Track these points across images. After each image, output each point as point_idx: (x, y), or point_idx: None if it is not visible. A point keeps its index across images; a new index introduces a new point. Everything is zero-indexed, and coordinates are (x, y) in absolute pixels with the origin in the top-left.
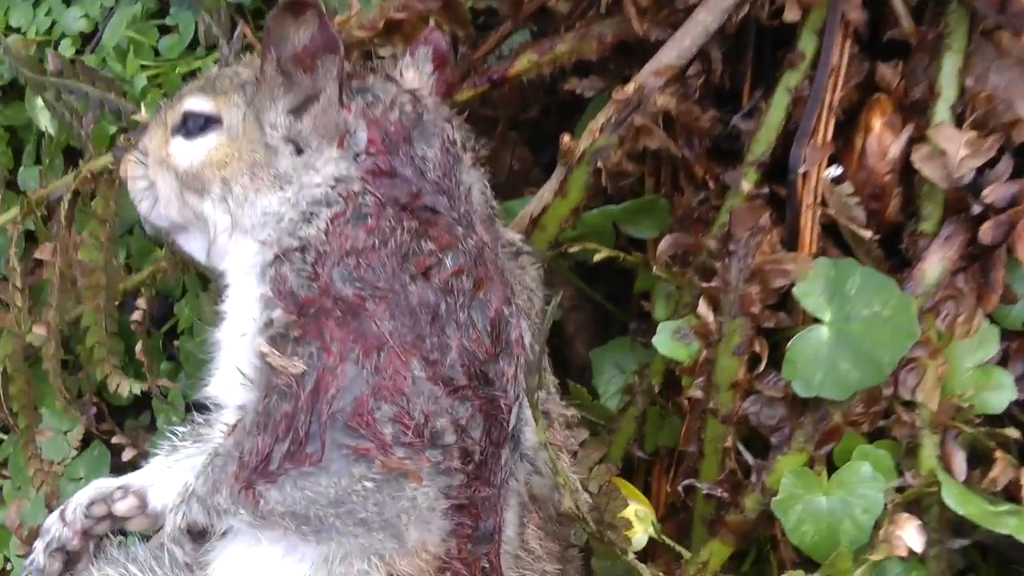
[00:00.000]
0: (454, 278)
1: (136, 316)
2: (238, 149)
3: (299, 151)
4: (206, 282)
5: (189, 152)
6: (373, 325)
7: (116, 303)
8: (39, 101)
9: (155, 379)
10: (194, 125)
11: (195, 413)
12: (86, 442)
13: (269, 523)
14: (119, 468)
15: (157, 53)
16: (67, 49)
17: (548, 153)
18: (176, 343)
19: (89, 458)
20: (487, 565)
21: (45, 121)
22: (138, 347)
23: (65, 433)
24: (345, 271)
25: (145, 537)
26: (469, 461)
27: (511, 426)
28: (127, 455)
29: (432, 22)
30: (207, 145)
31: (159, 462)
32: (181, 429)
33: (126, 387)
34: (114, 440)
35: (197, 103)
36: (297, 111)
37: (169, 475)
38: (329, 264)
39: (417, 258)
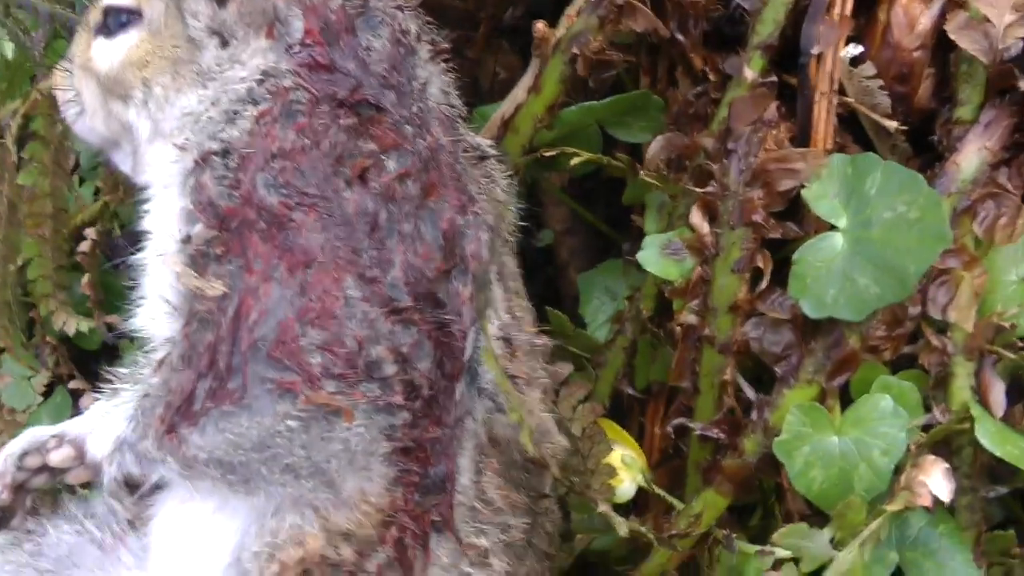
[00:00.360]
0: (397, 182)
1: (83, 247)
2: (160, 45)
3: (224, 43)
4: None
5: (110, 53)
6: (301, 238)
7: (67, 234)
8: None
9: (102, 316)
10: (114, 22)
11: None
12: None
13: (196, 472)
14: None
15: None
16: None
17: None
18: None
19: (52, 406)
20: (438, 518)
21: (4, 43)
22: (84, 280)
23: (28, 379)
24: (270, 176)
25: None
26: (415, 396)
27: (467, 356)
28: (87, 401)
29: None
30: (128, 43)
31: (99, 407)
32: (122, 370)
33: (72, 325)
34: (71, 385)
35: None
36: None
37: (108, 421)
38: (252, 169)
39: (354, 160)
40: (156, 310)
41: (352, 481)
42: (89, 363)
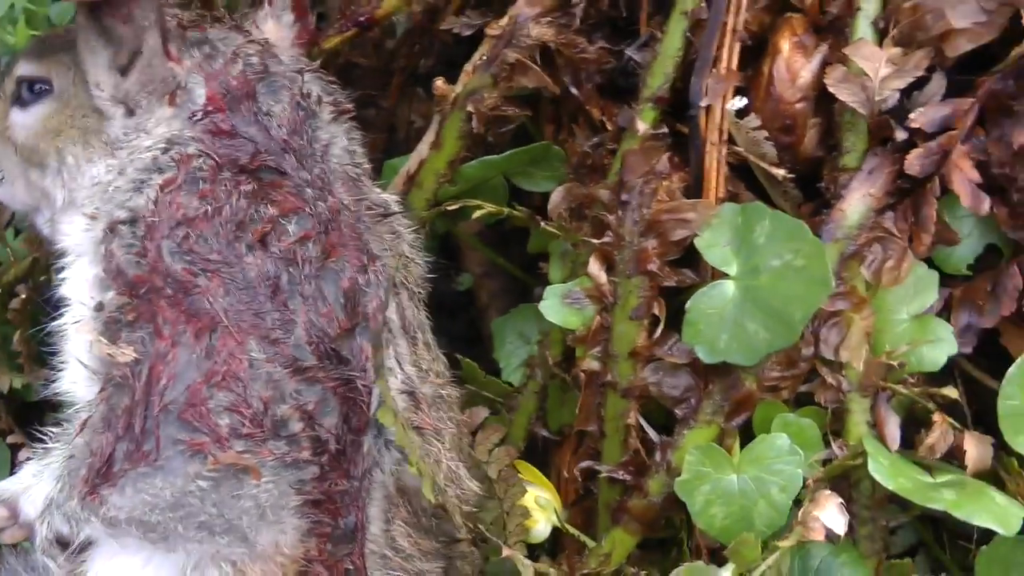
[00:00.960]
0: (298, 245)
1: (14, 304)
2: (70, 115)
3: (130, 112)
4: None
5: (25, 123)
6: (206, 303)
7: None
8: None
9: (36, 371)
10: (27, 92)
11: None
12: None
13: (119, 531)
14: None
15: (51, 22)
16: None
17: None
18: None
19: None
20: (351, 567)
21: None
22: (16, 336)
23: None
24: (174, 244)
25: None
26: (322, 451)
27: (373, 410)
28: (24, 455)
29: None
30: (41, 113)
31: (31, 466)
32: (54, 429)
33: (6, 381)
34: (10, 439)
35: (27, 67)
36: (123, 68)
37: (39, 481)
38: (158, 237)
39: (255, 225)
40: (76, 374)
41: (266, 535)
42: (31, 414)
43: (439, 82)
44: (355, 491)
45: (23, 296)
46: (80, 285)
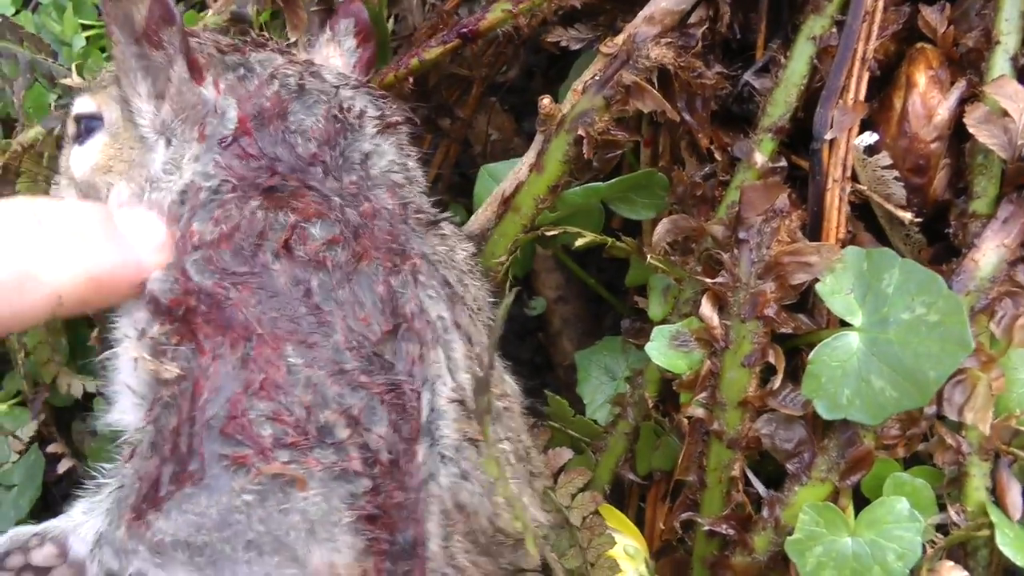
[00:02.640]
0: (326, 249)
1: None
2: (119, 148)
3: (169, 143)
4: None
5: (82, 159)
6: (239, 314)
7: None
8: None
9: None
10: (85, 129)
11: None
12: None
13: (166, 557)
14: (60, 480)
15: (99, 11)
16: (7, 8)
17: (531, 121)
18: None
19: (25, 465)
20: None
21: None
22: (93, 334)
23: (8, 436)
24: (200, 262)
25: None
26: (374, 462)
27: (424, 418)
28: (63, 466)
29: None
30: (94, 148)
31: (82, 504)
32: (106, 466)
33: (79, 386)
34: (50, 449)
35: (82, 104)
36: (160, 95)
37: (91, 517)
38: (181, 261)
39: (276, 233)
40: (125, 402)
41: (319, 554)
42: (64, 418)
43: (545, 100)
44: (412, 504)
45: None
46: (128, 324)
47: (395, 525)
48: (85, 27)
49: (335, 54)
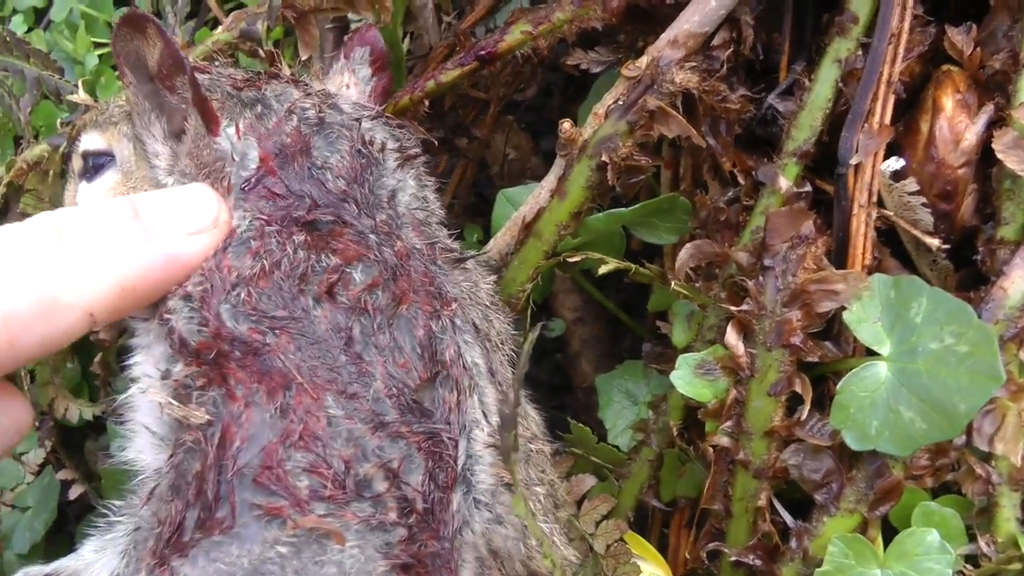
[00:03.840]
0: (367, 294)
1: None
2: (132, 187)
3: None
4: None
5: (91, 197)
6: (277, 361)
7: None
8: None
9: (109, 400)
10: (93, 165)
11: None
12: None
13: None
14: (73, 502)
15: (111, 28)
16: (19, 26)
17: (549, 140)
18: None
19: (39, 487)
20: None
21: None
22: (96, 359)
23: (20, 456)
24: (235, 306)
25: None
26: (410, 511)
27: (460, 465)
28: (75, 492)
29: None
30: (105, 185)
31: (92, 543)
32: (116, 503)
33: (75, 412)
34: (60, 475)
35: (91, 141)
36: (176, 135)
37: (103, 556)
38: (215, 303)
39: (318, 277)
40: (143, 442)
41: None
42: (72, 438)
43: (566, 124)
44: (447, 553)
45: None
46: (147, 361)
47: (429, 574)
48: (98, 45)
49: (350, 82)
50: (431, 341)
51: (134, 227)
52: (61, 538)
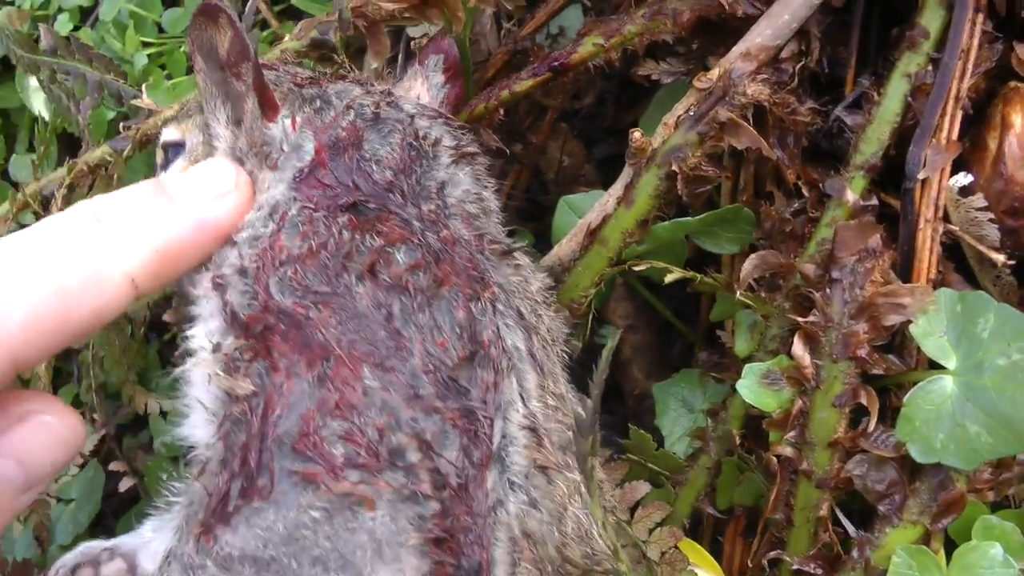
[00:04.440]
0: (409, 274)
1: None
2: None
3: (242, 165)
4: None
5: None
6: (318, 334)
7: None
8: (33, 82)
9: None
10: (172, 156)
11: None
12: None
13: (233, 572)
14: (110, 496)
15: (160, 29)
16: (64, 25)
17: (602, 148)
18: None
19: (84, 479)
20: None
21: (39, 105)
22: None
23: None
24: (282, 281)
25: None
26: (443, 486)
27: (495, 444)
28: (124, 485)
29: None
30: (176, 172)
31: (151, 523)
32: (176, 484)
33: (155, 406)
34: (111, 467)
35: (168, 133)
36: (238, 122)
37: (160, 533)
38: (265, 277)
39: (362, 256)
40: (197, 418)
41: (383, 573)
42: (117, 433)
43: (636, 134)
44: (479, 529)
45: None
46: (202, 333)
47: (461, 550)
48: (146, 44)
49: (422, 89)
50: (470, 322)
51: (159, 198)
52: (99, 533)
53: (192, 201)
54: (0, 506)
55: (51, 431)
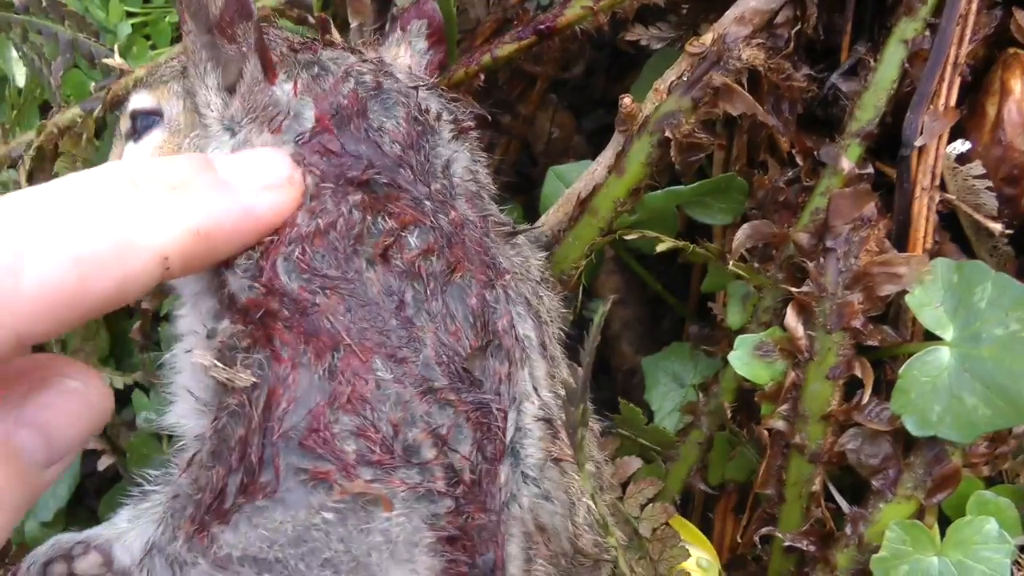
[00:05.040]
0: (421, 259)
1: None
2: (179, 144)
3: (233, 134)
4: None
5: (138, 156)
6: (326, 322)
7: None
8: (14, 53)
9: (148, 370)
10: (141, 125)
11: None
12: None
13: (230, 572)
14: (91, 474)
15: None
16: None
17: (592, 119)
18: (160, 328)
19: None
20: None
21: (21, 76)
22: (135, 327)
23: None
24: (289, 262)
25: None
26: (457, 482)
27: (508, 437)
28: (103, 463)
29: None
30: (152, 143)
31: (126, 512)
32: (152, 472)
33: (119, 382)
34: (89, 445)
35: (140, 100)
36: (230, 89)
37: (137, 526)
38: (271, 257)
39: (373, 239)
40: (186, 407)
41: (397, 574)
42: None
43: (626, 100)
44: (493, 526)
45: None
46: (194, 317)
47: (475, 547)
48: (130, 14)
49: (405, 54)
50: (484, 311)
51: (208, 175)
52: (81, 511)
53: (244, 186)
54: (22, 484)
55: (76, 397)
